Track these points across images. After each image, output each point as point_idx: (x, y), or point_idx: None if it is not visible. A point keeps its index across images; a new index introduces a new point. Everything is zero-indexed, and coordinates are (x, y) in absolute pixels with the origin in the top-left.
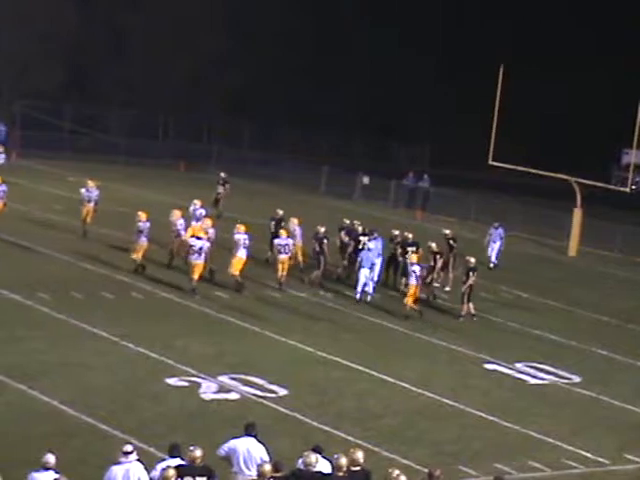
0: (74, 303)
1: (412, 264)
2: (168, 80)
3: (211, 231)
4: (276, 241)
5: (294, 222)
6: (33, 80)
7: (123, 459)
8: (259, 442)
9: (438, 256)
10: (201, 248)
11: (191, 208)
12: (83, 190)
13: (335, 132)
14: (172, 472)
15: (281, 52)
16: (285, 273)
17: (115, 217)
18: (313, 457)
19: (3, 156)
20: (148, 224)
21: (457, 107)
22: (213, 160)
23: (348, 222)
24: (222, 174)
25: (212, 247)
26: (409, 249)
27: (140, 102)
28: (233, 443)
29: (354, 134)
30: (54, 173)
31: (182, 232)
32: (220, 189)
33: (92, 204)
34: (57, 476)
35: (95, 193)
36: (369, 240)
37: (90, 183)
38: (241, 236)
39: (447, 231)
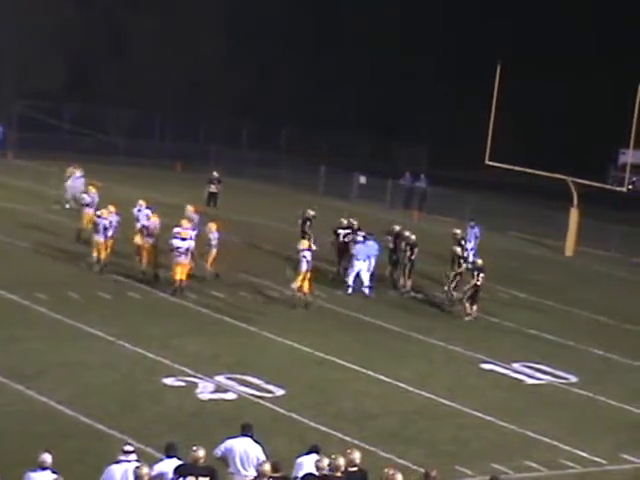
0: (71, 303)
1: (303, 250)
2: (168, 80)
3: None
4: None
5: (212, 228)
6: (33, 80)
7: (123, 458)
8: (255, 442)
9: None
10: (187, 249)
11: (135, 209)
12: (85, 195)
13: (335, 132)
14: (146, 470)
15: (281, 52)
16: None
17: None
18: (326, 462)
19: (83, 180)
20: (104, 222)
21: (457, 107)
22: (212, 160)
23: (345, 221)
24: (215, 173)
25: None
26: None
27: (140, 102)
28: (229, 443)
29: (354, 134)
30: (52, 173)
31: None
32: (213, 188)
33: (92, 210)
34: (55, 476)
35: (96, 199)
36: (364, 240)
37: (92, 189)
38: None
39: (457, 231)
